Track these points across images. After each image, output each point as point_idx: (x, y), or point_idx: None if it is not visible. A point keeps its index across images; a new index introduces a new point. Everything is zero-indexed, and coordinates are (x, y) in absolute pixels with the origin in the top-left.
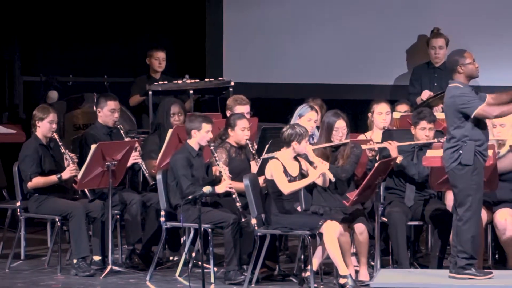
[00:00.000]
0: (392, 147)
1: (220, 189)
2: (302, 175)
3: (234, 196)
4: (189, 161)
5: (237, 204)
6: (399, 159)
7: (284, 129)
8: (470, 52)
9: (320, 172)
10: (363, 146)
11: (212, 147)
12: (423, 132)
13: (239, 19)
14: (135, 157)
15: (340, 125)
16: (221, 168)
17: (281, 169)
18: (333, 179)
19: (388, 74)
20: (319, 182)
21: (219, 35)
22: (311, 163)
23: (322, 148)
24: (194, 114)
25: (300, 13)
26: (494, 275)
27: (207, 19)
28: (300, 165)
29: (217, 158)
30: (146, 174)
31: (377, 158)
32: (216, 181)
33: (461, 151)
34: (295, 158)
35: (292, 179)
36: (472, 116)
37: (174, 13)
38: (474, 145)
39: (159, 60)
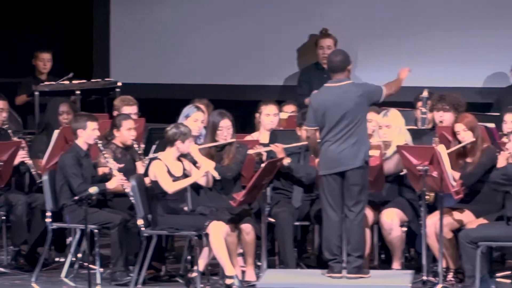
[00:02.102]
0: (278, 149)
1: (111, 184)
2: (186, 175)
3: (127, 190)
4: (78, 161)
5: (131, 199)
6: (287, 161)
7: (168, 128)
8: None
9: (204, 170)
10: (249, 151)
11: (100, 145)
12: None
13: (126, 20)
14: (22, 156)
15: (225, 125)
16: (111, 164)
17: (165, 169)
18: (217, 177)
19: (277, 74)
20: (202, 182)
21: (106, 35)
22: (195, 163)
23: (207, 148)
24: (79, 114)
25: (187, 14)
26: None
27: (94, 19)
28: (184, 165)
29: (106, 156)
30: (34, 172)
31: (264, 159)
32: (105, 180)
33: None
34: (178, 159)
35: (176, 179)
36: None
37: (61, 13)
38: None
39: (44, 61)
